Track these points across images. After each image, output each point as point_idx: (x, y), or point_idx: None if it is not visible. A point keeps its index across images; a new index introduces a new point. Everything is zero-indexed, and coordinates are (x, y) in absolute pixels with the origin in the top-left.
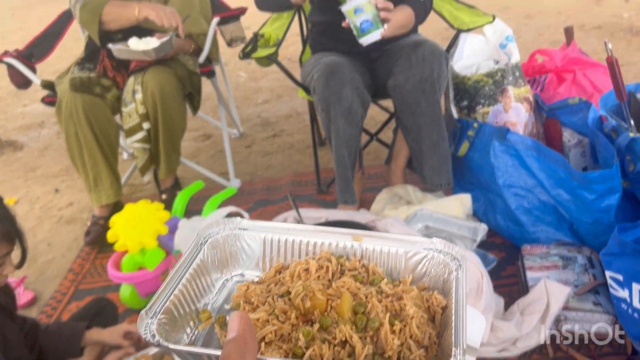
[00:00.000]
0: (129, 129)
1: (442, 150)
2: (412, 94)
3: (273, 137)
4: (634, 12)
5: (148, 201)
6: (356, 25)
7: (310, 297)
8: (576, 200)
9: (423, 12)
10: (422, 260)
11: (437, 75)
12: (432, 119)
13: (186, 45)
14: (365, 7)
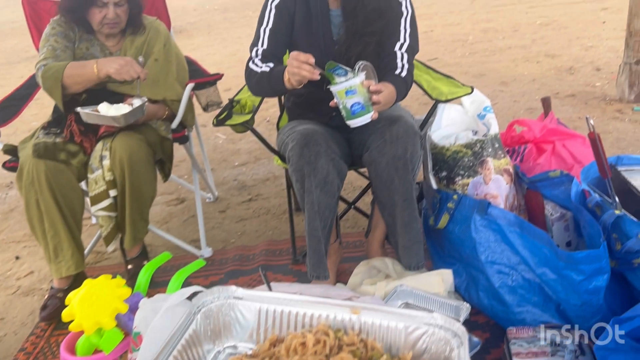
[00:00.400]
0: (95, 197)
1: (414, 230)
2: (386, 171)
3: (249, 202)
4: (606, 81)
5: (108, 276)
6: (346, 107)
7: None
8: (563, 280)
9: (404, 89)
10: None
11: (410, 155)
12: (405, 198)
13: (159, 111)
14: (358, 89)
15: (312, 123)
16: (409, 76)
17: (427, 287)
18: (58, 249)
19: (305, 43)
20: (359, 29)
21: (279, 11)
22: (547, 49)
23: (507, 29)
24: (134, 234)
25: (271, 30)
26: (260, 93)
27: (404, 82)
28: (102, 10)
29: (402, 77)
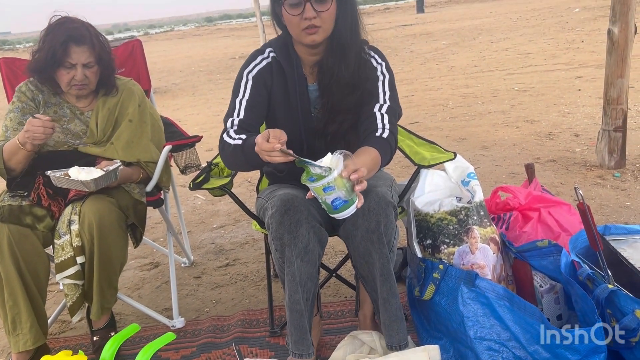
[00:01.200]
0: (60, 264)
1: (393, 307)
2: (362, 244)
3: (226, 267)
4: (585, 147)
5: (68, 352)
6: (327, 203)
7: None
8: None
9: (388, 152)
10: None
11: (383, 228)
12: (382, 272)
13: (134, 174)
14: (336, 183)
15: (293, 186)
16: (392, 137)
17: None
18: (16, 321)
19: (283, 117)
20: (335, 105)
21: (255, 82)
22: (525, 114)
23: (486, 94)
24: (102, 304)
25: (248, 101)
26: (235, 167)
27: (386, 144)
28: (70, 71)
29: (384, 139)
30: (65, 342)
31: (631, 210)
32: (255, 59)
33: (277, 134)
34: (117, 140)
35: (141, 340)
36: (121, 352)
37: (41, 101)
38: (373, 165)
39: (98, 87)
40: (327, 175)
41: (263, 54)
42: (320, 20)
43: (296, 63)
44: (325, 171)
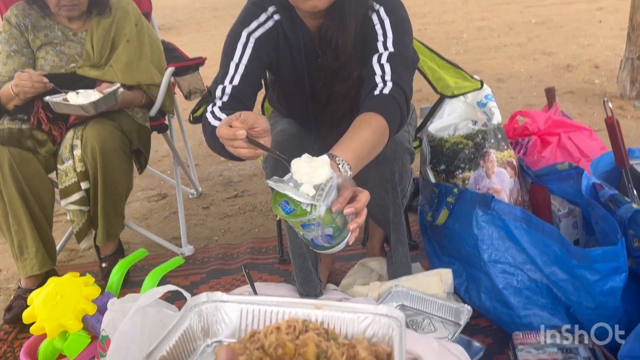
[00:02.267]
0: (65, 189)
1: (399, 255)
2: (375, 190)
3: (234, 198)
4: (605, 79)
5: (75, 274)
6: (306, 239)
7: (282, 345)
8: (575, 281)
9: (397, 112)
10: (371, 323)
11: (398, 177)
12: (393, 221)
13: (136, 99)
14: (323, 220)
15: (291, 121)
16: (397, 90)
17: (425, 288)
18: (23, 246)
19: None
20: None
21: (257, 47)
22: (543, 47)
23: (502, 27)
24: (108, 230)
25: (246, 67)
26: (217, 153)
27: (391, 102)
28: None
29: (386, 95)
30: (74, 269)
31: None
32: (257, 17)
33: (248, 119)
34: (115, 62)
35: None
36: (130, 278)
37: (28, 25)
38: (378, 142)
39: (90, 7)
40: (311, 211)
41: (266, 11)
42: None
43: (302, 32)
44: (307, 205)
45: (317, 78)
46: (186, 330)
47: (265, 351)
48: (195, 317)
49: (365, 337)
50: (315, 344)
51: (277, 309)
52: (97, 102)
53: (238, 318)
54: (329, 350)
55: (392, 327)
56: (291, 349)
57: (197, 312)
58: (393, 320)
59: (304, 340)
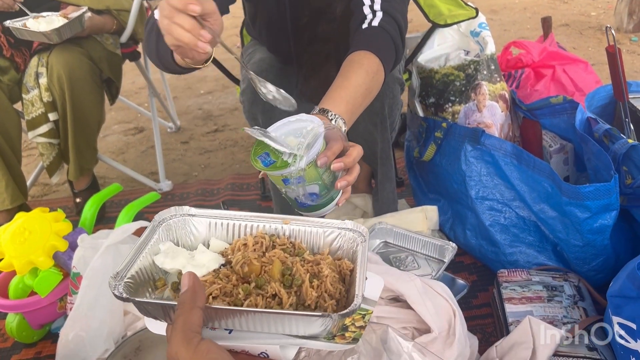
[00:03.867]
0: (31, 121)
1: (386, 191)
2: (363, 125)
3: (214, 133)
4: (601, 11)
5: (45, 209)
6: (289, 197)
7: (248, 263)
8: (564, 218)
9: (390, 46)
10: (337, 237)
11: (388, 109)
12: (381, 156)
13: (106, 25)
14: (307, 175)
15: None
16: (388, 20)
17: (409, 225)
18: None
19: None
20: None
21: None
22: None
23: None
24: (80, 164)
25: None
26: (150, 56)
27: (382, 34)
28: None
29: (376, 27)
30: (48, 204)
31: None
32: None
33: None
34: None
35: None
36: (106, 214)
37: None
38: (373, 84)
39: None
40: (294, 162)
41: None
42: None
43: None
44: (290, 156)
45: (301, 14)
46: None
47: (232, 268)
48: (164, 231)
49: (331, 251)
50: (281, 260)
51: (246, 222)
52: (60, 29)
53: (207, 231)
54: (294, 268)
55: (356, 241)
56: (257, 266)
57: (165, 227)
58: (357, 235)
59: (270, 257)
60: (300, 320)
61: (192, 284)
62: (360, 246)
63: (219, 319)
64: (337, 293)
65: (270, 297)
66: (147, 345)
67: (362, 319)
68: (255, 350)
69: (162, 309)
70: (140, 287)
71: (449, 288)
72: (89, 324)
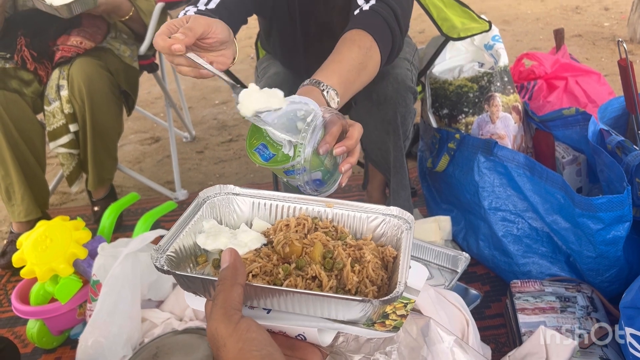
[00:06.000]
0: (53, 132)
1: (402, 199)
2: (376, 133)
3: (229, 142)
4: (615, 21)
5: (65, 218)
6: (291, 185)
7: (289, 244)
8: (577, 229)
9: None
10: (381, 223)
11: (401, 118)
12: (395, 164)
13: (123, 6)
14: (310, 164)
15: (285, 65)
16: (382, 5)
17: (422, 235)
18: (10, 191)
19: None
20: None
21: None
22: None
23: None
24: (100, 174)
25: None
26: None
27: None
28: None
29: (368, 12)
30: (67, 212)
31: None
32: None
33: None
34: None
35: (143, 212)
36: (123, 222)
37: None
38: (367, 59)
39: None
40: (295, 155)
41: None
42: None
43: None
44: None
45: (309, 30)
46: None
47: (274, 248)
48: (208, 208)
49: (374, 237)
50: (323, 243)
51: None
52: (71, 5)
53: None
54: (336, 251)
55: (401, 228)
56: (299, 247)
57: (209, 204)
58: (402, 222)
59: (311, 239)
60: (340, 304)
61: (233, 260)
62: (405, 233)
63: (258, 298)
64: (379, 279)
65: (310, 279)
66: (164, 352)
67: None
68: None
69: (202, 284)
70: (182, 262)
71: (462, 298)
72: (108, 330)
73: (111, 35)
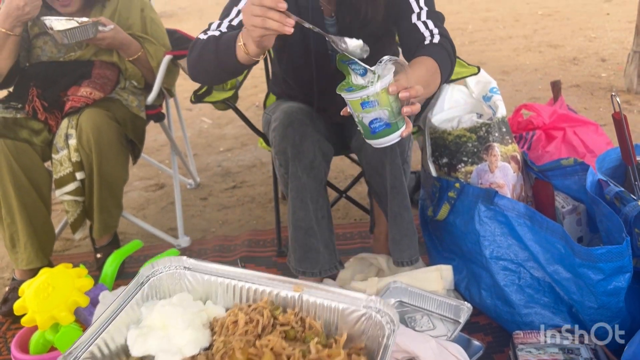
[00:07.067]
0: (60, 179)
1: (404, 221)
2: (375, 156)
3: (233, 189)
4: (612, 72)
5: (68, 265)
6: (363, 123)
7: (229, 355)
8: (578, 280)
9: (448, 61)
10: (361, 318)
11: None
12: (394, 184)
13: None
14: (380, 99)
15: (299, 102)
16: (446, 42)
17: (424, 284)
18: (15, 239)
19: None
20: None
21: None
22: (549, 39)
23: (507, 18)
24: (105, 222)
25: None
26: (199, 72)
27: (442, 51)
28: None
29: (437, 44)
30: (69, 259)
31: None
32: None
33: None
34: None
35: (146, 259)
36: (125, 269)
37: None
38: (431, 80)
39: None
40: (370, 85)
41: None
42: None
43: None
44: (368, 81)
45: (323, 42)
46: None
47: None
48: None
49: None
50: (275, 353)
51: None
52: (68, 32)
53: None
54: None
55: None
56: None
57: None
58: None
59: (261, 346)
60: None
61: None
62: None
63: None
64: None
65: None
66: None
67: None
68: None
69: None
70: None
71: (465, 349)
72: None
73: (120, 86)
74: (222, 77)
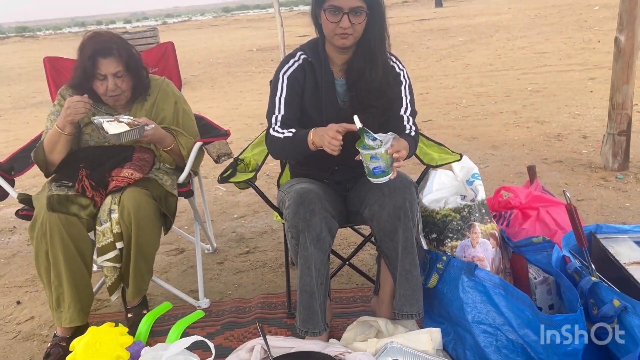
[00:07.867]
0: (102, 248)
1: (415, 277)
2: (389, 222)
3: (246, 254)
4: (592, 149)
5: (112, 324)
6: (369, 168)
7: None
8: (544, 342)
9: (414, 146)
10: None
11: (409, 204)
12: (406, 245)
13: (167, 139)
14: (382, 156)
15: (311, 181)
16: (416, 135)
17: (416, 344)
18: (60, 300)
19: (313, 108)
20: (362, 100)
21: (290, 81)
22: (537, 115)
23: (499, 93)
24: (138, 286)
25: (285, 99)
26: (283, 156)
27: (413, 140)
28: (103, 82)
29: (412, 136)
30: (101, 318)
31: (630, 211)
32: (288, 62)
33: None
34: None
35: (170, 318)
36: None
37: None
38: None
39: (134, 94)
40: (378, 148)
41: (295, 57)
42: (352, 29)
43: (325, 60)
44: (377, 144)
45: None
46: None
47: None
48: None
49: None
50: None
51: None
52: (119, 135)
53: None
54: None
55: None
56: None
57: None
58: None
59: None
60: None
61: None
62: None
63: None
64: None
65: None
66: None
67: None
68: None
69: None
70: None
71: None
72: None
73: (155, 167)
74: (296, 158)
